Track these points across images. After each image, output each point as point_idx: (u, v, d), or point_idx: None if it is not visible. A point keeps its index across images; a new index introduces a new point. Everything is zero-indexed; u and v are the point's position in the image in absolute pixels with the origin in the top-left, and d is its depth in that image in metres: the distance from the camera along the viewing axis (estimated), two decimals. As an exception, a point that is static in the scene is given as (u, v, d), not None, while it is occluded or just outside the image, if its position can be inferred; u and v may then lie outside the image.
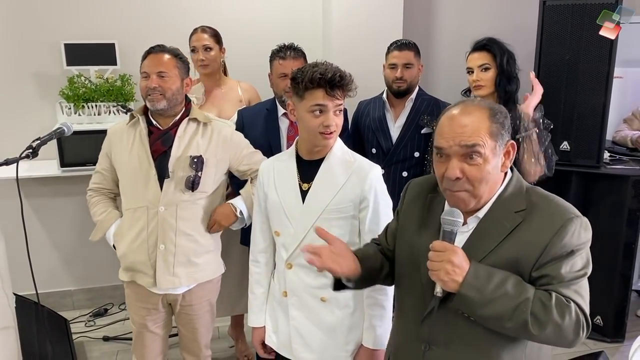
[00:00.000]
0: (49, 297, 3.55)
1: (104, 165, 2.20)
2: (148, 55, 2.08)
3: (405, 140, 2.75)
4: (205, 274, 2.22)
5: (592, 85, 3.09)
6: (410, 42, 2.78)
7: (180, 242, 2.11)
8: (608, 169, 3.23)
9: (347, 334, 1.82)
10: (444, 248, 1.30)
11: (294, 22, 3.62)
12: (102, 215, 2.19)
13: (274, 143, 2.50)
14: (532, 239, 1.29)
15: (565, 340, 1.28)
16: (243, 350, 3.17)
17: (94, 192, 2.24)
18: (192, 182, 2.07)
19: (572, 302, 1.26)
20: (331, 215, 1.74)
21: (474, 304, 1.27)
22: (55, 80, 3.33)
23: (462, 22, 3.91)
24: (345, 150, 1.82)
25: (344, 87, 1.69)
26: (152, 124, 2.11)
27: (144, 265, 2.11)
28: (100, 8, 3.36)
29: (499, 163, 1.34)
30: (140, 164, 2.07)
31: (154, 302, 2.21)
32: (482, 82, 2.50)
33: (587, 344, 3.27)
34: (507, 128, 1.35)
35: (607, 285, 3.27)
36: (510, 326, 1.26)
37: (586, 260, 1.32)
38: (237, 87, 2.94)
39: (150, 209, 2.07)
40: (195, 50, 2.81)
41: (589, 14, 3.03)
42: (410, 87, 2.75)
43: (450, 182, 1.32)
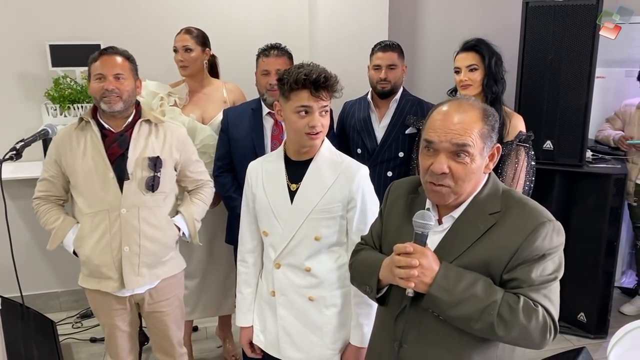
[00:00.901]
0: (35, 299, 3.54)
1: (52, 172, 2.15)
2: (101, 56, 2.08)
3: (390, 140, 2.78)
4: (168, 269, 2.24)
5: (575, 85, 3.14)
6: (394, 44, 2.80)
7: (144, 243, 2.13)
8: (590, 168, 3.28)
9: (334, 333, 1.84)
10: (414, 250, 1.32)
11: (281, 21, 3.64)
12: (57, 222, 2.15)
13: (257, 142, 2.51)
14: (504, 242, 1.31)
15: (532, 342, 1.31)
16: (231, 350, 3.18)
17: (42, 200, 2.19)
18: (152, 183, 2.09)
19: (539, 305, 1.28)
20: (319, 216, 1.76)
21: (443, 304, 1.30)
22: (40, 81, 3.32)
23: (447, 22, 3.95)
24: (333, 151, 1.84)
25: (329, 88, 1.70)
26: (103, 127, 2.11)
27: (108, 269, 2.11)
28: (86, 9, 3.35)
29: (484, 164, 1.36)
30: (96, 167, 2.07)
31: (121, 304, 2.22)
32: (469, 82, 2.53)
33: (570, 340, 3.31)
34: (496, 131, 1.37)
35: (590, 282, 3.32)
36: (478, 327, 1.29)
37: (558, 264, 1.34)
38: (223, 88, 2.94)
39: (112, 212, 2.08)
40: (176, 51, 2.81)
41: (571, 14, 3.07)
42: (394, 88, 2.78)
43: (434, 176, 1.34)
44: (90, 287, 2.18)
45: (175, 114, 2.74)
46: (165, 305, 2.28)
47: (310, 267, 1.80)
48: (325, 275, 1.81)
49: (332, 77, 1.71)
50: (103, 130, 2.11)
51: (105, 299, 2.20)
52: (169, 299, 2.28)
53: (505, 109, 2.60)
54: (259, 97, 2.64)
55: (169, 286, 2.27)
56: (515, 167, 2.51)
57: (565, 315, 3.38)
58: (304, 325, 1.84)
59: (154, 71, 2.93)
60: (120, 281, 2.12)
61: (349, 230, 1.81)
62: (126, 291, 2.17)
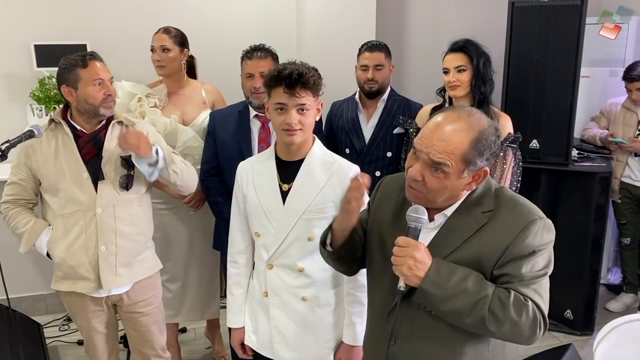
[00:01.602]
0: (22, 302, 3.50)
1: (21, 176, 2.12)
2: (93, 62, 2.04)
3: (378, 140, 2.79)
4: (145, 270, 2.24)
5: (560, 85, 3.17)
6: (381, 44, 2.81)
7: (121, 242, 2.12)
8: (576, 167, 3.32)
9: (328, 332, 1.85)
10: (407, 244, 1.33)
11: (268, 21, 3.64)
12: (28, 225, 2.13)
13: (244, 145, 2.50)
14: (495, 239, 1.33)
15: (522, 337, 1.32)
16: (220, 351, 3.17)
17: (11, 204, 2.15)
18: (126, 182, 2.10)
19: (530, 300, 1.30)
20: (312, 216, 1.76)
21: (435, 299, 1.31)
22: (25, 81, 3.29)
23: (434, 22, 3.97)
24: (325, 151, 1.84)
25: (304, 85, 1.67)
26: (75, 128, 2.10)
27: (84, 269, 2.10)
28: (72, 9, 3.33)
29: (463, 183, 1.36)
30: (69, 168, 2.06)
31: (97, 305, 2.21)
32: (458, 83, 2.54)
33: (557, 337, 3.35)
34: (487, 157, 1.34)
35: (576, 279, 3.36)
36: (469, 322, 1.30)
37: (548, 260, 1.36)
38: (201, 89, 2.92)
39: (87, 212, 2.07)
40: (153, 50, 2.79)
41: (556, 15, 3.11)
42: (381, 88, 2.79)
43: (411, 180, 1.37)
44: (65, 289, 2.16)
45: (156, 116, 2.72)
46: (143, 305, 2.27)
47: (304, 267, 1.80)
48: (318, 275, 1.81)
49: (308, 73, 1.68)
50: (75, 131, 2.10)
51: (82, 300, 2.18)
52: (146, 300, 2.27)
53: (494, 109, 2.62)
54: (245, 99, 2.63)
55: (146, 287, 2.26)
56: (503, 167, 2.54)
57: (552, 313, 3.39)
58: (298, 325, 1.84)
59: (139, 71, 2.92)
60: (97, 281, 2.11)
61: None
62: (103, 292, 2.15)
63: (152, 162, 2.08)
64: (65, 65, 2.04)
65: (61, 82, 2.06)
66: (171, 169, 2.13)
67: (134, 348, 2.37)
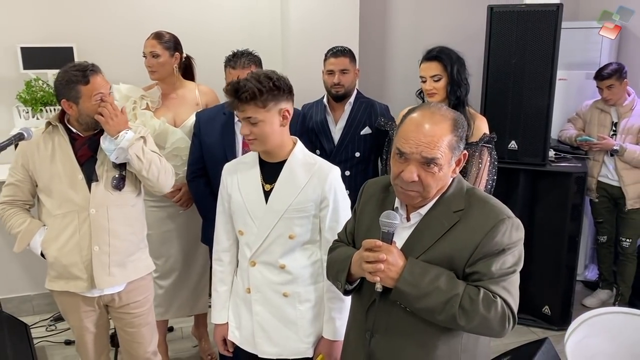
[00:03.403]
0: (8, 303, 3.51)
1: (18, 177, 2.16)
2: (94, 77, 2.05)
3: (347, 141, 2.89)
4: (138, 271, 2.28)
5: (537, 87, 3.27)
6: (346, 49, 2.89)
7: (114, 242, 2.16)
8: (553, 167, 3.42)
9: (308, 327, 1.91)
10: (380, 248, 1.40)
11: (253, 24, 3.69)
12: (23, 225, 2.16)
13: (228, 148, 2.56)
14: (466, 238, 1.40)
15: (492, 331, 1.40)
16: (207, 349, 3.22)
17: (8, 205, 2.19)
18: (119, 182, 2.14)
19: (498, 297, 1.37)
20: (293, 215, 1.83)
21: (410, 297, 1.39)
22: (11, 83, 3.30)
23: (416, 26, 4.06)
24: (307, 153, 1.91)
25: (241, 100, 1.71)
26: (71, 131, 2.14)
27: (77, 269, 2.14)
28: (57, 11, 3.35)
29: (450, 169, 1.45)
30: (64, 170, 2.11)
31: (89, 305, 2.24)
32: (435, 91, 2.62)
33: (535, 332, 3.44)
34: (463, 140, 1.45)
35: (554, 276, 3.46)
36: (441, 318, 1.38)
37: (517, 258, 1.43)
38: (195, 90, 2.97)
39: (81, 213, 2.11)
40: (144, 56, 2.84)
41: (533, 19, 3.20)
42: (347, 92, 2.88)
43: (404, 183, 1.41)
44: (58, 289, 2.19)
45: (146, 118, 2.76)
46: (136, 307, 2.30)
47: (285, 264, 1.86)
48: (299, 272, 1.88)
49: (242, 89, 1.70)
50: (71, 134, 2.14)
51: (74, 300, 2.21)
52: (138, 301, 2.30)
53: (470, 111, 2.70)
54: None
55: (139, 288, 2.29)
56: (479, 166, 2.62)
57: (530, 309, 3.54)
58: (279, 321, 1.90)
59: (126, 74, 2.95)
60: (90, 281, 2.15)
61: (322, 229, 1.88)
62: (95, 291, 2.19)
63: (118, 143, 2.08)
64: (66, 80, 2.04)
65: (61, 96, 2.07)
66: (133, 152, 2.08)
67: (124, 349, 2.40)
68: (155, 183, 2.20)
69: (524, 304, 4.02)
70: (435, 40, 2.75)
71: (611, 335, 2.15)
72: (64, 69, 2.07)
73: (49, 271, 2.22)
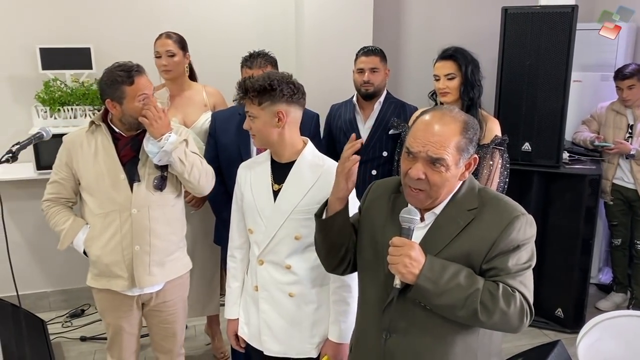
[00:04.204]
0: (25, 299, 3.56)
1: (62, 175, 2.19)
2: (138, 78, 2.08)
3: (374, 140, 2.90)
4: (177, 270, 2.31)
5: (552, 89, 3.26)
6: (377, 49, 2.92)
7: (154, 242, 2.19)
8: (567, 169, 3.41)
9: (312, 328, 1.92)
10: (403, 243, 1.42)
11: (267, 25, 3.72)
12: (67, 223, 2.20)
13: (243, 148, 2.58)
14: (482, 235, 1.42)
15: (511, 326, 1.42)
16: (219, 347, 3.25)
17: (52, 202, 2.23)
18: (160, 183, 2.17)
19: (517, 291, 1.39)
20: (299, 216, 1.84)
21: (430, 294, 1.40)
22: (30, 84, 3.36)
23: (429, 27, 4.06)
24: (316, 154, 1.92)
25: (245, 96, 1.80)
26: (114, 130, 2.17)
27: (119, 268, 2.17)
28: (76, 12, 3.40)
29: (459, 172, 1.46)
30: (107, 169, 2.14)
31: (128, 304, 2.27)
32: (448, 90, 2.63)
33: (548, 335, 3.43)
34: (474, 143, 1.47)
35: (567, 279, 3.45)
36: (462, 314, 1.39)
37: (531, 253, 1.46)
38: (203, 91, 3.00)
39: (122, 212, 2.14)
40: (158, 56, 2.87)
41: (548, 21, 3.19)
42: (377, 90, 2.90)
43: (412, 180, 1.44)
44: (100, 287, 2.23)
45: None
46: (171, 305, 2.34)
47: (291, 264, 1.88)
48: (304, 273, 1.89)
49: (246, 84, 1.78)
50: (114, 134, 2.17)
51: (114, 298, 2.24)
52: (173, 299, 2.34)
53: (482, 113, 2.70)
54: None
55: (176, 287, 2.33)
56: (490, 168, 2.62)
57: (542, 311, 3.53)
58: (284, 320, 1.92)
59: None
60: (131, 280, 2.18)
61: None
62: (136, 290, 2.22)
63: (162, 146, 2.10)
64: (110, 80, 2.06)
65: (105, 96, 2.09)
66: (177, 156, 2.11)
67: (157, 345, 2.43)
68: (196, 185, 2.23)
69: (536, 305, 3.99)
70: (449, 42, 2.76)
71: (624, 339, 2.14)
72: (109, 68, 2.09)
73: (90, 269, 2.25)
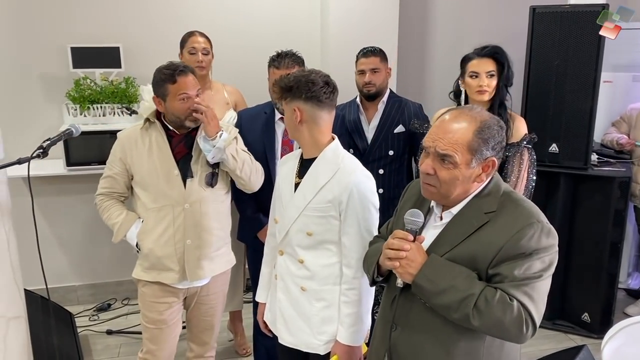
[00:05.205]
0: (54, 292, 3.66)
1: (116, 170, 2.26)
2: (182, 77, 2.13)
3: (380, 140, 2.90)
4: (222, 265, 2.38)
5: (580, 90, 3.20)
6: (376, 49, 2.91)
7: (205, 237, 2.26)
8: (595, 171, 3.34)
9: (320, 325, 1.92)
10: (404, 235, 1.46)
11: (292, 25, 3.74)
12: (120, 217, 2.27)
13: (268, 146, 2.61)
14: (491, 239, 1.40)
15: (508, 335, 1.39)
16: (242, 343, 3.28)
17: (105, 196, 2.30)
18: (211, 179, 2.24)
19: (515, 300, 1.35)
20: (311, 213, 1.85)
21: (428, 292, 1.42)
22: (61, 82, 3.44)
23: (455, 26, 4.03)
24: (338, 153, 1.89)
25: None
26: (168, 128, 2.23)
27: (170, 261, 2.24)
28: (106, 13, 3.48)
29: (473, 174, 1.44)
30: (161, 165, 2.20)
31: (175, 297, 2.33)
32: (487, 88, 2.59)
33: (574, 340, 3.37)
34: (493, 145, 1.43)
35: (594, 283, 3.38)
36: (456, 317, 1.39)
37: (547, 264, 1.40)
38: (223, 90, 3.05)
39: (176, 207, 2.21)
40: (194, 52, 2.91)
41: (577, 20, 3.14)
42: (379, 90, 2.89)
43: (424, 175, 1.47)
44: (150, 279, 2.28)
45: None
46: (213, 298, 2.40)
47: (303, 259, 1.90)
48: (316, 270, 1.89)
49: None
50: (168, 131, 2.24)
51: (162, 291, 2.29)
52: (216, 293, 2.41)
53: (509, 112, 2.68)
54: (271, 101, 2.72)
55: (219, 281, 2.40)
56: (520, 167, 2.62)
57: (568, 315, 3.48)
58: (296, 312, 1.95)
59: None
60: (181, 273, 2.25)
61: (341, 231, 1.86)
62: (185, 283, 2.29)
63: (215, 143, 2.17)
64: (157, 78, 2.16)
65: (154, 92, 2.19)
66: (229, 152, 2.20)
67: (195, 336, 2.48)
68: (247, 182, 2.31)
69: (562, 309, 3.95)
70: (476, 41, 2.73)
71: (651, 344, 2.10)
72: (159, 67, 2.18)
73: (140, 262, 2.31)
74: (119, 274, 3.77)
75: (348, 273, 1.86)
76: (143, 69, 3.40)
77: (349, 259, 1.85)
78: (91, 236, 3.71)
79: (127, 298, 3.81)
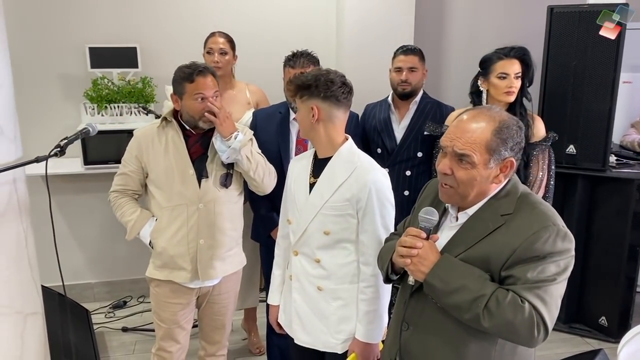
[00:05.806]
0: (71, 290, 3.69)
1: (132, 168, 2.27)
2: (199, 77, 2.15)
3: (409, 141, 2.87)
4: (234, 265, 2.39)
5: (598, 90, 3.16)
6: (416, 48, 2.89)
7: (218, 237, 2.27)
8: (613, 173, 3.30)
9: (338, 324, 1.93)
10: (417, 233, 1.45)
11: (308, 24, 3.74)
12: (134, 215, 2.28)
13: (283, 146, 2.62)
14: (506, 241, 1.38)
15: (519, 337, 1.37)
16: (255, 342, 3.29)
17: (119, 193, 2.31)
18: (226, 180, 2.26)
19: (527, 302, 1.33)
20: (328, 212, 1.86)
21: (438, 292, 1.41)
22: (79, 82, 3.48)
23: (472, 27, 4.00)
24: (353, 151, 1.90)
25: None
26: (184, 127, 2.24)
27: (183, 260, 2.24)
28: (123, 14, 3.51)
29: (491, 175, 1.43)
30: (177, 164, 2.22)
31: (188, 296, 2.34)
32: (514, 89, 2.59)
33: (591, 343, 3.33)
34: (512, 146, 1.42)
35: (612, 286, 3.33)
36: (467, 317, 1.38)
37: (562, 268, 1.38)
38: (246, 90, 3.06)
39: (190, 206, 2.22)
40: (211, 52, 2.94)
41: (595, 20, 3.09)
42: (414, 90, 2.86)
43: (441, 175, 1.46)
44: (163, 278, 2.29)
45: None
46: (225, 298, 2.42)
47: (320, 258, 1.90)
48: (333, 269, 1.90)
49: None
50: (185, 131, 2.25)
51: (173, 290, 2.31)
52: (228, 292, 2.42)
53: (529, 113, 2.68)
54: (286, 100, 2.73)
55: (230, 281, 2.41)
56: (543, 166, 2.64)
57: (585, 319, 3.44)
58: (313, 312, 1.95)
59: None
60: (193, 272, 2.26)
61: (359, 230, 1.87)
62: (197, 282, 2.30)
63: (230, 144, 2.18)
64: (177, 76, 2.18)
65: (173, 89, 2.21)
66: (244, 154, 2.20)
67: (206, 335, 2.50)
68: (260, 183, 2.32)
69: (579, 313, 3.90)
70: (493, 41, 2.73)
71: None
72: (181, 66, 2.21)
73: (153, 260, 2.32)
74: (135, 271, 3.80)
75: (366, 271, 1.86)
76: (160, 69, 3.44)
77: (367, 257, 1.85)
78: (108, 234, 3.75)
79: (143, 296, 3.85)
